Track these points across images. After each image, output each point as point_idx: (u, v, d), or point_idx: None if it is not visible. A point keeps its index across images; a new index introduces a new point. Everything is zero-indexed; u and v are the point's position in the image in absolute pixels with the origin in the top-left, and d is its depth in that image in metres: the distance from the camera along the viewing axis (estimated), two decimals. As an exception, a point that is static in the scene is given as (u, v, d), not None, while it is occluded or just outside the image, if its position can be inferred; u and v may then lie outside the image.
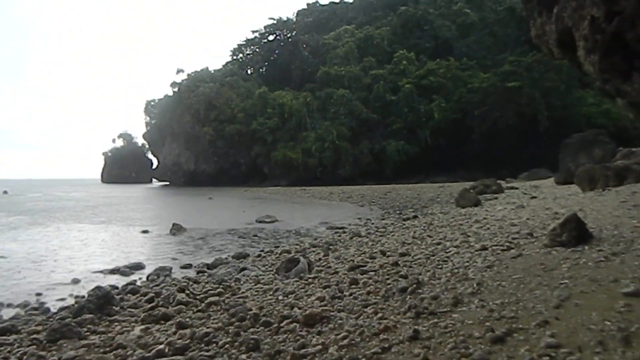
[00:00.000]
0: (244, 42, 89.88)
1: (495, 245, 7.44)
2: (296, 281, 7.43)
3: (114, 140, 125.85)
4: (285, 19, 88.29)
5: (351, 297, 5.87)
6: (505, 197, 19.72)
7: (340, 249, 10.88)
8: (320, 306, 5.50)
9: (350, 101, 67.03)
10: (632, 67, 3.69)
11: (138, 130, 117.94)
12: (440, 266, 6.85)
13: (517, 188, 24.27)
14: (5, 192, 62.94)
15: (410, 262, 7.58)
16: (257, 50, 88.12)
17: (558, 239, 6.33)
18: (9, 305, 7.73)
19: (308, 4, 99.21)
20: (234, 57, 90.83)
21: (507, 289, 4.94)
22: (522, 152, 53.71)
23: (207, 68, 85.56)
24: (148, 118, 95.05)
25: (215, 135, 71.61)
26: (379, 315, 4.87)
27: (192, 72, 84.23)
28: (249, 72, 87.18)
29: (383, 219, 19.04)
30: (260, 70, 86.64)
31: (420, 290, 5.55)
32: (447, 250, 8.08)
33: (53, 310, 7.15)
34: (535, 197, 16.66)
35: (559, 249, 6.17)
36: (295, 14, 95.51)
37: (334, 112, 67.24)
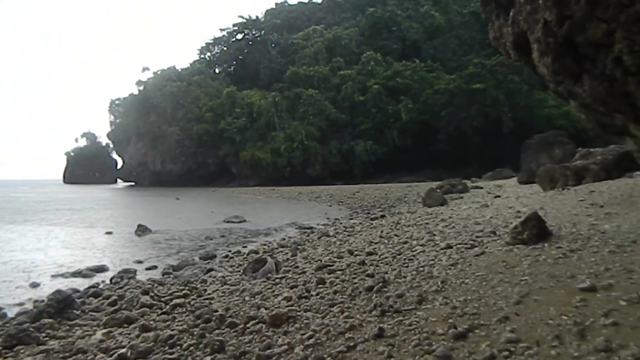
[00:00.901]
0: (212, 41, 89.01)
1: (460, 244, 7.58)
2: (263, 282, 7.40)
3: (76, 140, 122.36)
4: (254, 18, 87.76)
5: (318, 296, 5.88)
6: (470, 197, 20.12)
7: (309, 248, 10.89)
8: (287, 306, 5.50)
9: (319, 101, 67.19)
10: (583, 70, 3.82)
11: (102, 130, 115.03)
12: (406, 265, 6.94)
13: (481, 187, 24.79)
14: None
15: (377, 261, 7.64)
16: (225, 49, 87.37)
17: (519, 237, 6.50)
18: (-37, 311, 7.41)
19: (276, 4, 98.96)
20: (202, 56, 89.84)
21: (470, 286, 5.05)
22: (487, 152, 54.92)
23: (174, 66, 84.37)
24: (112, 117, 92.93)
25: (182, 134, 70.64)
26: (345, 314, 4.90)
27: (158, 71, 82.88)
28: (217, 71, 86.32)
29: (351, 219, 19.14)
30: (229, 69, 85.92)
31: (386, 289, 5.60)
32: (414, 249, 8.18)
33: (10, 315, 6.89)
34: (499, 196, 17.05)
35: (521, 246, 6.34)
36: (264, 14, 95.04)
37: (302, 112, 67.26)
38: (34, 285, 9.22)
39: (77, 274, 10.16)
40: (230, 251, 12.17)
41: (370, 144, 63.14)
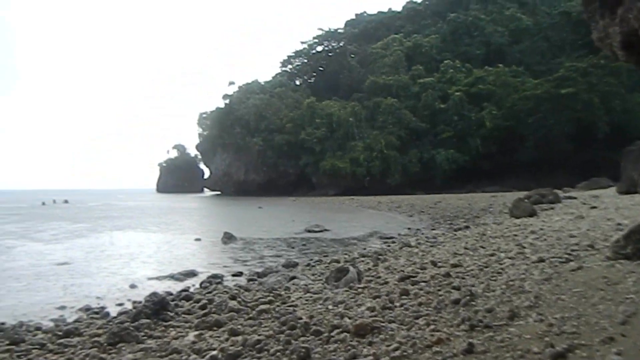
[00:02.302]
0: (293, 54, 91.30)
1: (553, 257, 7.14)
2: (346, 291, 7.40)
3: (168, 152, 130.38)
4: (333, 29, 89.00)
5: (402, 308, 5.78)
6: (562, 207, 18.90)
7: (390, 259, 10.76)
8: (371, 316, 5.46)
9: (399, 110, 66.56)
10: None
11: (191, 142, 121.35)
12: (494, 278, 6.65)
13: (575, 198, 23.22)
14: (65, 201, 66.39)
15: (463, 274, 7.39)
16: (306, 61, 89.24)
17: (622, 252, 6.01)
18: (72, 309, 8.12)
19: (356, 15, 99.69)
20: (283, 69, 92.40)
21: (567, 302, 4.73)
22: (577, 160, 51.46)
23: (257, 80, 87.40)
24: (200, 130, 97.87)
25: (264, 145, 72.82)
26: (432, 327, 4.77)
27: (242, 85, 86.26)
28: (297, 82, 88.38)
29: (433, 229, 18.69)
30: (309, 80, 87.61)
31: (473, 302, 5.40)
32: (501, 262, 7.83)
33: (112, 314, 7.44)
34: (595, 207, 15.87)
35: (623, 261, 5.85)
36: (343, 25, 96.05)
37: (382, 121, 66.96)
38: (132, 286, 9.90)
39: (170, 277, 10.78)
40: (312, 260, 12.32)
41: (452, 152, 61.46)
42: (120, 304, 8.35)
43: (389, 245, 13.99)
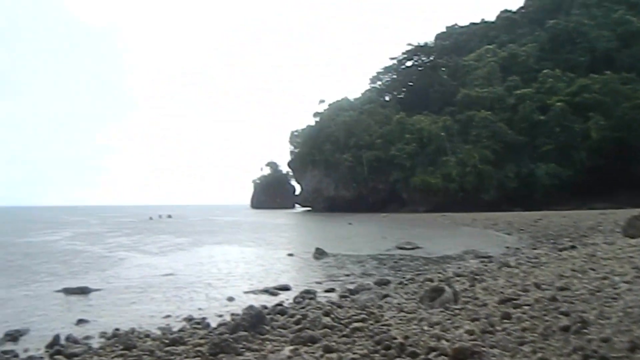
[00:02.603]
0: (382, 70, 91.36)
1: (680, 283, 6.39)
2: (441, 311, 7.15)
3: (261, 169, 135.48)
4: (423, 43, 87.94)
5: (504, 332, 5.46)
6: (687, 227, 16.88)
7: (488, 279, 10.25)
8: (470, 340, 5.21)
9: (493, 123, 63.96)
10: None
11: (283, 159, 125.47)
12: (608, 304, 6.08)
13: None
14: (169, 216, 71.15)
15: (571, 298, 6.83)
16: (395, 76, 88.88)
17: None
18: (177, 318, 8.62)
19: (447, 27, 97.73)
20: (373, 85, 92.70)
21: (700, 336, 4.19)
22: None
23: (346, 97, 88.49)
24: (292, 147, 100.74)
25: (354, 161, 73.20)
26: (539, 355, 4.45)
27: (332, 102, 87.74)
28: (387, 98, 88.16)
29: (534, 249, 17.56)
30: (399, 96, 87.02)
31: (586, 330, 4.96)
32: (616, 286, 7.15)
33: (213, 325, 7.77)
34: None
35: None
36: (434, 38, 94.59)
37: (475, 135, 64.65)
38: (230, 299, 10.31)
39: (265, 291, 11.09)
40: (404, 278, 12.08)
41: (553, 166, 57.72)
42: (220, 316, 8.72)
43: (485, 265, 13.35)
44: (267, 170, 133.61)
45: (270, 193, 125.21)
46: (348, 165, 73.75)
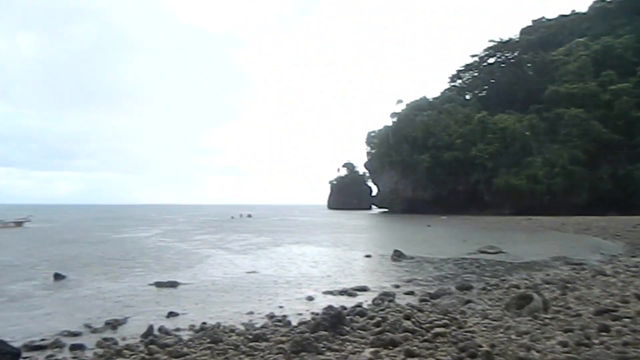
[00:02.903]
0: (463, 68, 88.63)
1: None
2: (529, 320, 6.79)
3: (338, 170, 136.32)
4: (506, 39, 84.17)
5: (602, 346, 5.08)
6: None
7: (581, 288, 9.61)
8: (563, 352, 4.91)
9: (585, 121, 59.81)
10: None
11: (360, 160, 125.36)
12: None
13: None
14: (249, 215, 73.53)
15: (681, 312, 6.23)
16: (477, 74, 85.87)
17: None
18: (259, 315, 8.89)
19: (533, 21, 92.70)
20: (452, 84, 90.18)
21: None
22: None
23: (425, 97, 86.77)
24: (369, 148, 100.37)
25: (432, 162, 71.61)
26: (644, 372, 4.09)
27: (410, 102, 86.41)
28: (467, 97, 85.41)
29: (633, 257, 16.21)
30: (480, 94, 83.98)
31: (699, 349, 4.49)
32: None
33: (293, 323, 7.92)
34: None
35: None
36: (518, 33, 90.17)
37: (564, 134, 60.84)
38: (310, 298, 10.46)
39: (344, 292, 11.13)
40: (488, 283, 11.62)
41: (655, 167, 52.97)
42: (300, 314, 8.87)
43: (577, 272, 12.53)
44: (343, 171, 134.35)
45: (347, 194, 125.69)
46: (426, 166, 72.27)
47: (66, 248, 23.16)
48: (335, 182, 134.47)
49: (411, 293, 10.82)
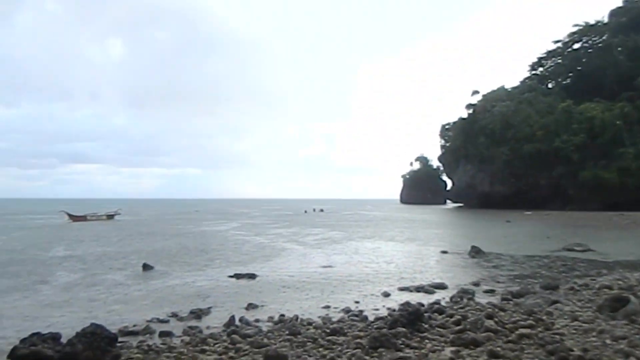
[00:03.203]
0: (545, 54, 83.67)
1: None
2: (626, 324, 6.32)
3: (411, 164, 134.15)
4: (593, 22, 78.46)
5: None
6: None
7: (686, 291, 8.77)
8: (669, 361, 4.51)
9: (686, 108, 54.56)
10: None
11: (433, 154, 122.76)
12: None
13: None
14: (321, 210, 74.34)
15: None
16: (560, 61, 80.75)
17: None
18: (335, 309, 8.95)
19: (625, 1, 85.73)
20: (533, 72, 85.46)
21: None
22: None
23: (502, 86, 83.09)
24: (443, 141, 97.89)
25: (511, 155, 68.44)
26: None
27: (487, 93, 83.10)
28: (549, 85, 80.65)
29: None
30: (564, 82, 78.97)
31: None
32: None
33: (370, 318, 7.90)
34: None
35: None
36: (607, 16, 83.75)
37: (662, 122, 55.87)
38: (386, 294, 10.38)
39: (420, 288, 10.93)
40: (575, 283, 10.93)
41: None
42: (376, 310, 8.83)
43: (681, 274, 11.47)
44: (416, 165, 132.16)
45: (420, 188, 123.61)
46: (504, 159, 69.22)
47: (153, 240, 24.64)
48: (408, 176, 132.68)
49: (492, 291, 10.42)
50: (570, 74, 78.50)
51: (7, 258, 17.23)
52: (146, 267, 14.49)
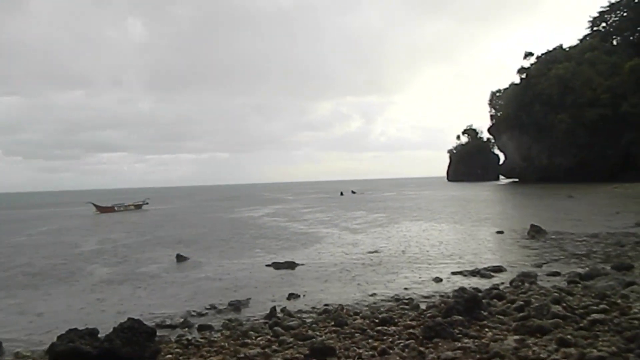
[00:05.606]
0: (607, 7, 79.99)
1: None
2: None
3: (458, 137, 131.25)
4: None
5: None
6: None
7: None
8: None
9: None
10: None
11: (483, 125, 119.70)
12: None
13: None
14: (353, 192, 73.71)
15: None
16: (626, 13, 77.01)
17: None
18: (383, 297, 8.93)
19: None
20: (595, 29, 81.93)
21: None
22: None
23: (560, 46, 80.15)
24: (493, 110, 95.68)
25: (572, 123, 66.31)
26: None
27: (542, 54, 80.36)
28: (614, 43, 77.21)
29: None
30: (630, 38, 75.42)
31: None
32: None
33: (422, 307, 7.83)
34: None
35: None
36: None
37: None
38: (437, 280, 10.27)
39: (476, 272, 10.77)
40: (654, 263, 10.53)
41: None
42: (427, 297, 8.75)
43: None
44: (464, 139, 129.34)
45: (469, 164, 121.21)
46: (565, 127, 67.14)
47: (185, 230, 25.21)
48: (455, 151, 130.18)
49: (556, 274, 10.15)
50: (639, 29, 74.79)
51: (38, 254, 17.99)
52: (180, 258, 14.83)
